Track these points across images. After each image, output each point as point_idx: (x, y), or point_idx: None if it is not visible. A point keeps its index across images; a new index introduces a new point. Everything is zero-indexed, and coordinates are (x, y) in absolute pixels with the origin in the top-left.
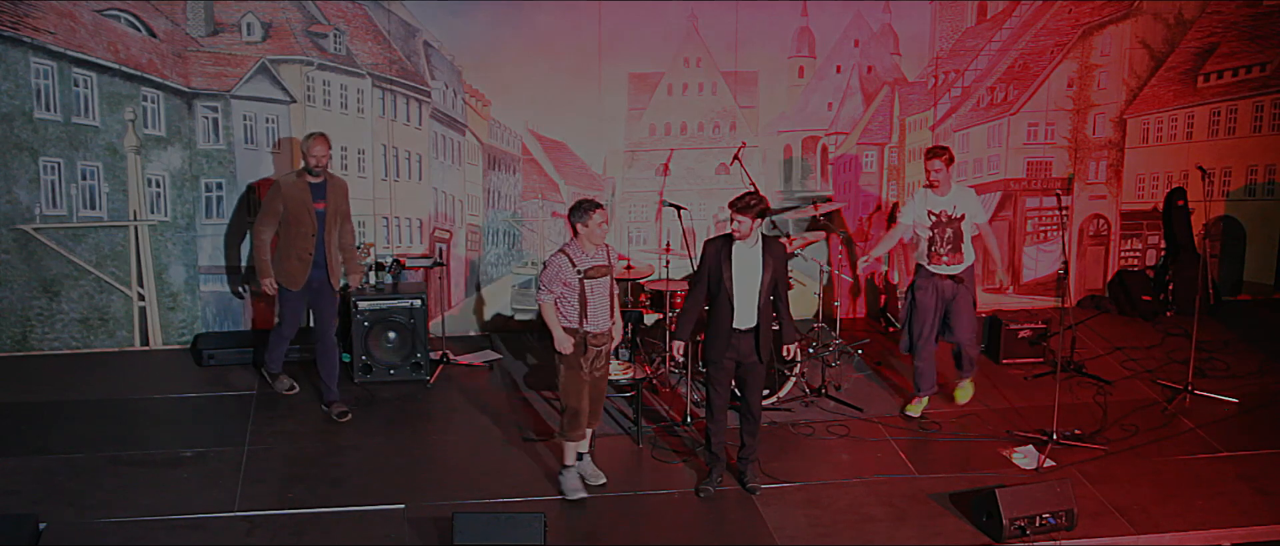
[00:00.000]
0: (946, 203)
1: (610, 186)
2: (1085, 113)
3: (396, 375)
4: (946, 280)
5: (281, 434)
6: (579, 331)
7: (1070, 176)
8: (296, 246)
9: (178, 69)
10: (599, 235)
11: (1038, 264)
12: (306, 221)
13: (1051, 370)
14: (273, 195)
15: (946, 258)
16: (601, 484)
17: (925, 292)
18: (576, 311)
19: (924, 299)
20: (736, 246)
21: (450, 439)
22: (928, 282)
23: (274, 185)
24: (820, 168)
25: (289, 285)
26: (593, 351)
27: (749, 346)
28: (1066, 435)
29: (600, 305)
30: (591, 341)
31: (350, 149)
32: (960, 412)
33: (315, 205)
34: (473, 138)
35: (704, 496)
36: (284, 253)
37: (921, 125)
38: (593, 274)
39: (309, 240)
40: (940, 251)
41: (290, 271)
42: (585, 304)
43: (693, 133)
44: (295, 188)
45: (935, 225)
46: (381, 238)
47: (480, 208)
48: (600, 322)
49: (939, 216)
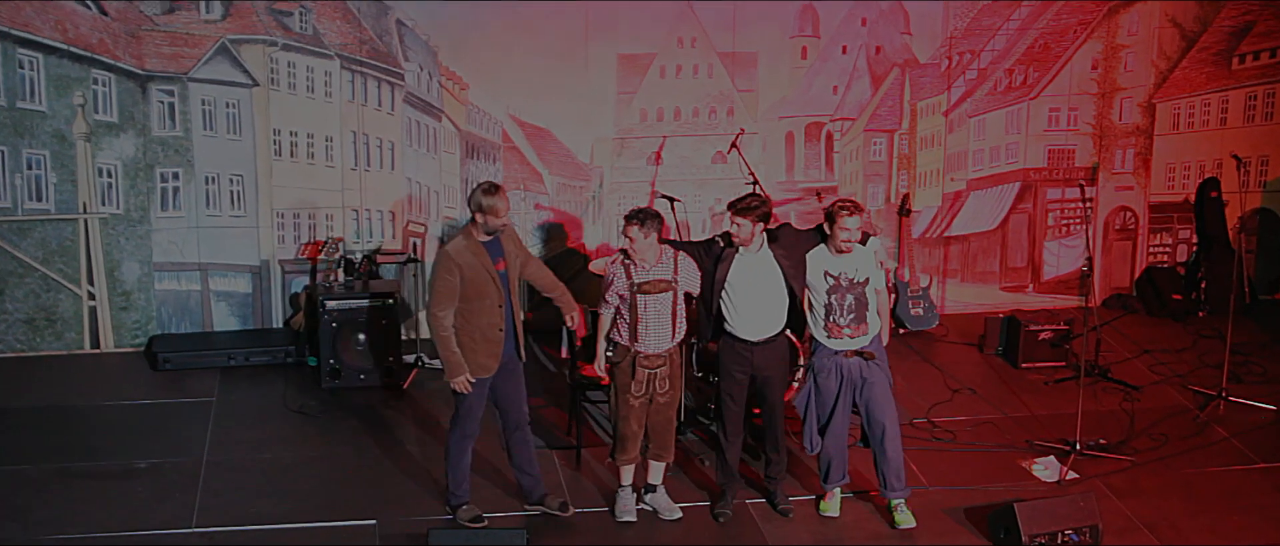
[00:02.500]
0: (848, 263)
1: (597, 176)
2: (1111, 97)
3: (367, 380)
4: (852, 357)
5: (243, 443)
6: (630, 351)
7: (1094, 166)
8: (482, 325)
9: (131, 49)
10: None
11: (1059, 260)
12: (491, 292)
13: (1074, 375)
14: (444, 269)
15: (848, 330)
16: (676, 519)
17: (827, 375)
18: (628, 327)
19: (826, 384)
20: (740, 254)
21: (425, 449)
22: (828, 363)
23: (442, 257)
24: (825, 156)
25: (481, 374)
26: (643, 374)
27: (766, 358)
28: (1090, 445)
29: (658, 324)
30: (642, 363)
31: (317, 136)
32: (975, 420)
33: (496, 266)
34: (449, 124)
35: (722, 520)
36: (469, 336)
37: (934, 110)
38: (650, 288)
39: (496, 313)
40: (839, 321)
41: (481, 361)
42: (637, 321)
43: (687, 118)
44: (468, 252)
45: (833, 290)
46: (351, 232)
47: (458, 199)
48: (655, 343)
49: (837, 280)
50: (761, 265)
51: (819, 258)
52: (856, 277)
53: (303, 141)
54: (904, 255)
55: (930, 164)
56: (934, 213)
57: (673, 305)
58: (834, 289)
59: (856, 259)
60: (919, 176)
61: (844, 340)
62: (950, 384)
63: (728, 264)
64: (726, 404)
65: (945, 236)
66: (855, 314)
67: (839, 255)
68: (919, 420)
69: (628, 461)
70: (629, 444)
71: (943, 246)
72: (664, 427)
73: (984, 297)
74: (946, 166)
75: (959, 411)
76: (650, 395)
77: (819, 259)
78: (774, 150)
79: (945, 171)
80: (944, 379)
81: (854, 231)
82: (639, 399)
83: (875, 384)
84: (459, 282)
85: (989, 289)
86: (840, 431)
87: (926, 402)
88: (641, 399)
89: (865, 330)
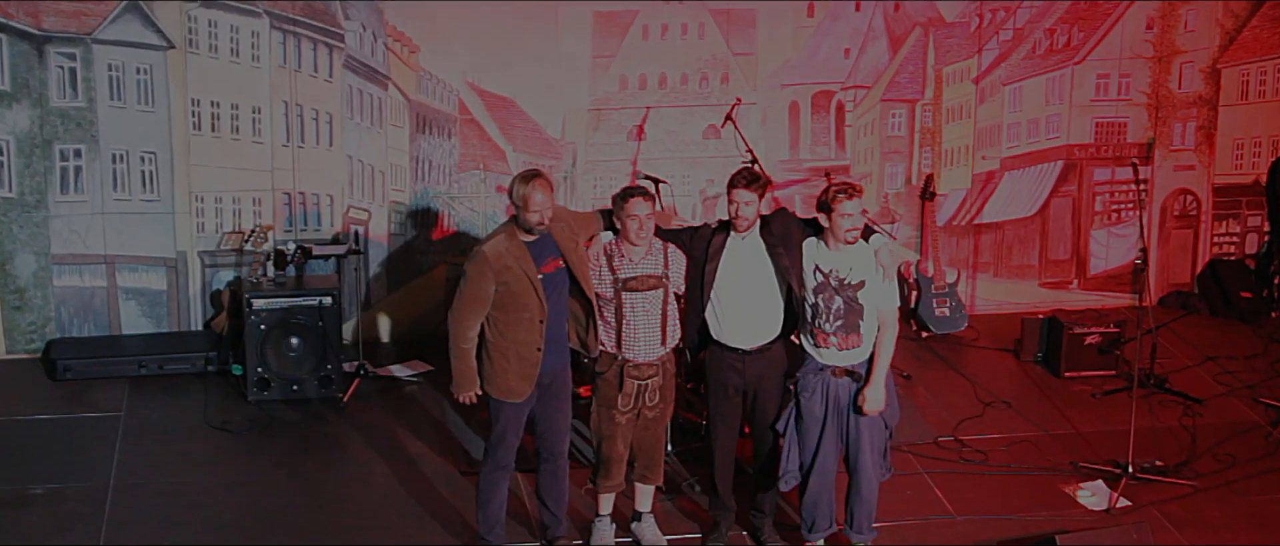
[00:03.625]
0: (841, 260)
1: (570, 154)
2: (1169, 61)
3: (301, 391)
4: (839, 375)
5: (156, 465)
6: (616, 359)
7: (1150, 141)
8: (517, 341)
9: (25, 6)
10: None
11: (1109, 252)
12: (531, 303)
13: (1126, 385)
14: (477, 273)
15: (835, 338)
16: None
17: (812, 396)
18: (613, 331)
19: (811, 405)
20: (730, 242)
21: (368, 472)
22: (814, 379)
23: (476, 257)
24: (835, 130)
25: (511, 398)
26: (633, 386)
27: (760, 370)
28: (1145, 467)
29: (647, 328)
30: (629, 373)
31: (242, 107)
32: (1010, 439)
33: (543, 269)
34: (397, 93)
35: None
36: (501, 353)
37: (963, 77)
38: (637, 285)
39: (535, 330)
40: (824, 326)
41: (510, 384)
42: (623, 323)
43: (674, 87)
44: (508, 256)
45: (820, 289)
46: (282, 219)
47: (406, 180)
48: (645, 350)
49: (826, 278)
50: (752, 256)
51: (811, 249)
52: (849, 278)
53: (226, 114)
54: (927, 246)
55: (958, 139)
56: (962, 196)
57: (663, 305)
58: (821, 288)
59: (852, 256)
60: (945, 154)
61: (830, 351)
62: (981, 396)
63: (719, 256)
64: (717, 423)
65: (975, 224)
66: (843, 320)
67: (834, 250)
68: (944, 439)
69: (611, 488)
70: (614, 467)
71: (972, 236)
72: (652, 446)
73: (1021, 295)
74: (977, 142)
75: (991, 428)
76: (638, 409)
77: (811, 251)
78: (776, 123)
79: (975, 148)
80: (974, 390)
81: (856, 217)
82: (626, 415)
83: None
84: (492, 291)
85: (1026, 285)
86: (828, 467)
87: (953, 418)
88: (629, 414)
89: (857, 341)
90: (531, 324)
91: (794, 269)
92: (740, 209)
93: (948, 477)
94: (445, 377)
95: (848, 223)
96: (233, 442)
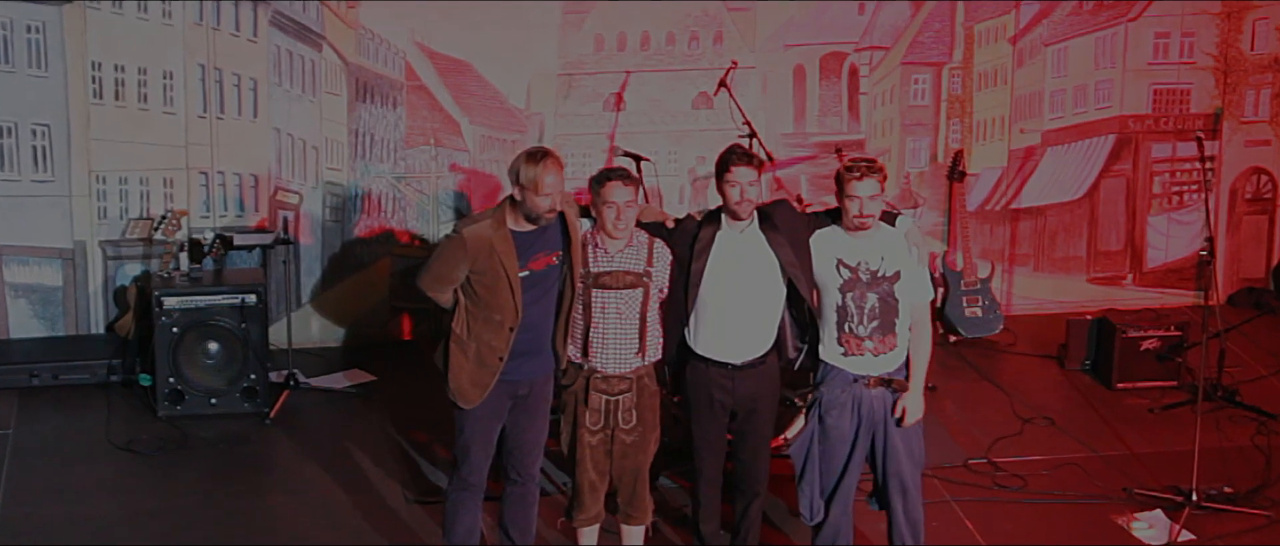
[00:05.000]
0: (869, 249)
1: (536, 126)
2: (1240, 17)
3: (221, 405)
4: (874, 386)
5: (49, 491)
6: (583, 368)
7: (1217, 112)
8: (481, 342)
9: None
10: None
11: (1169, 242)
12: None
13: (1189, 398)
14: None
15: (870, 342)
16: None
17: (839, 412)
18: (579, 336)
19: (839, 425)
20: (722, 234)
21: (300, 501)
22: (842, 394)
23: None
24: (848, 98)
25: (461, 402)
26: (599, 400)
27: (752, 387)
28: (1211, 494)
29: (619, 333)
30: (597, 386)
31: (151, 72)
32: (1054, 461)
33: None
34: (333, 55)
35: None
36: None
37: (997, 35)
38: (611, 282)
39: (501, 336)
40: (857, 330)
41: (462, 385)
42: (591, 325)
43: (659, 48)
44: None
45: (848, 286)
46: (198, 203)
47: (344, 157)
48: (615, 360)
49: (855, 272)
50: (749, 252)
51: (829, 241)
52: (882, 270)
53: (132, 79)
54: (956, 235)
55: (992, 109)
56: (997, 177)
57: (643, 308)
58: (850, 284)
59: (882, 243)
60: (977, 127)
61: (865, 358)
62: (1019, 411)
63: (707, 252)
64: (700, 446)
65: (1012, 209)
66: (879, 321)
67: (857, 236)
68: (977, 461)
69: (588, 521)
70: (588, 497)
71: (1009, 222)
72: (632, 478)
73: (1066, 292)
74: (1014, 113)
75: (1031, 449)
76: (612, 429)
77: (829, 243)
78: (778, 91)
79: (1013, 120)
80: (1010, 404)
81: (869, 200)
82: (597, 435)
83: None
84: (463, 276)
85: (1072, 281)
86: (850, 491)
87: (987, 437)
88: (601, 434)
89: (894, 343)
90: (500, 329)
91: (801, 268)
92: (743, 190)
93: (980, 506)
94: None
95: (856, 207)
96: (140, 466)
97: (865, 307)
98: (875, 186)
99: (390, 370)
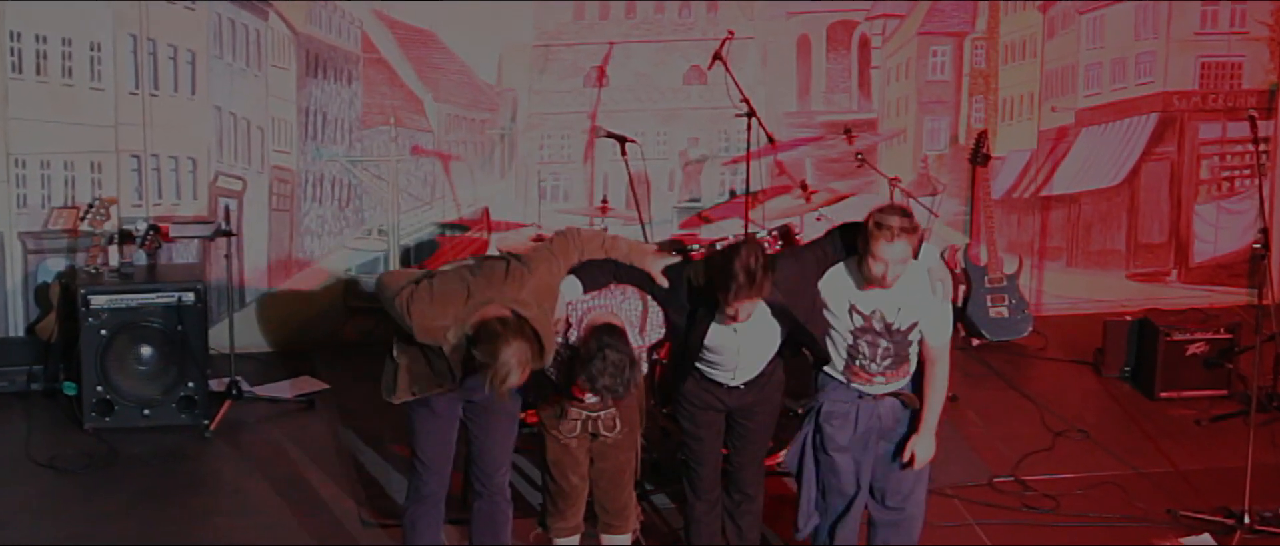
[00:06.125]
0: (886, 299)
1: (509, 103)
2: None
3: (154, 417)
4: (884, 400)
5: None
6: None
7: (1273, 88)
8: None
9: None
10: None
11: (1219, 233)
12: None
13: (1241, 409)
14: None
15: (881, 378)
16: None
17: (841, 425)
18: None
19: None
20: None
21: (243, 523)
22: (847, 408)
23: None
24: (858, 72)
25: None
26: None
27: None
28: (1265, 517)
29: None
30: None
31: (76, 43)
32: (1090, 479)
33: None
34: (280, 24)
35: None
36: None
37: (1024, 4)
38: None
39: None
40: (868, 368)
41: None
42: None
43: (646, 17)
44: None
45: (861, 332)
46: (129, 190)
47: (293, 139)
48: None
49: (867, 320)
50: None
51: (840, 284)
52: (897, 322)
53: (55, 51)
54: (979, 225)
55: (1020, 85)
56: (1026, 160)
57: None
58: (862, 331)
59: (900, 293)
60: (1003, 104)
61: (875, 385)
62: (1051, 423)
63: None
64: (694, 454)
65: (1043, 196)
66: (892, 359)
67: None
68: (1003, 479)
69: (566, 531)
70: (567, 505)
71: (1039, 212)
72: (613, 482)
73: (1103, 290)
74: (1045, 90)
75: (1064, 465)
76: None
77: (841, 286)
78: (780, 64)
79: (1043, 97)
80: (1041, 415)
81: (897, 264)
82: (574, 437)
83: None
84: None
85: (1110, 277)
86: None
87: (1014, 452)
88: (579, 437)
89: (907, 372)
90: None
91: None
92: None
93: (1006, 529)
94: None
95: (880, 270)
96: (64, 484)
97: (878, 350)
98: (907, 250)
99: (343, 378)
